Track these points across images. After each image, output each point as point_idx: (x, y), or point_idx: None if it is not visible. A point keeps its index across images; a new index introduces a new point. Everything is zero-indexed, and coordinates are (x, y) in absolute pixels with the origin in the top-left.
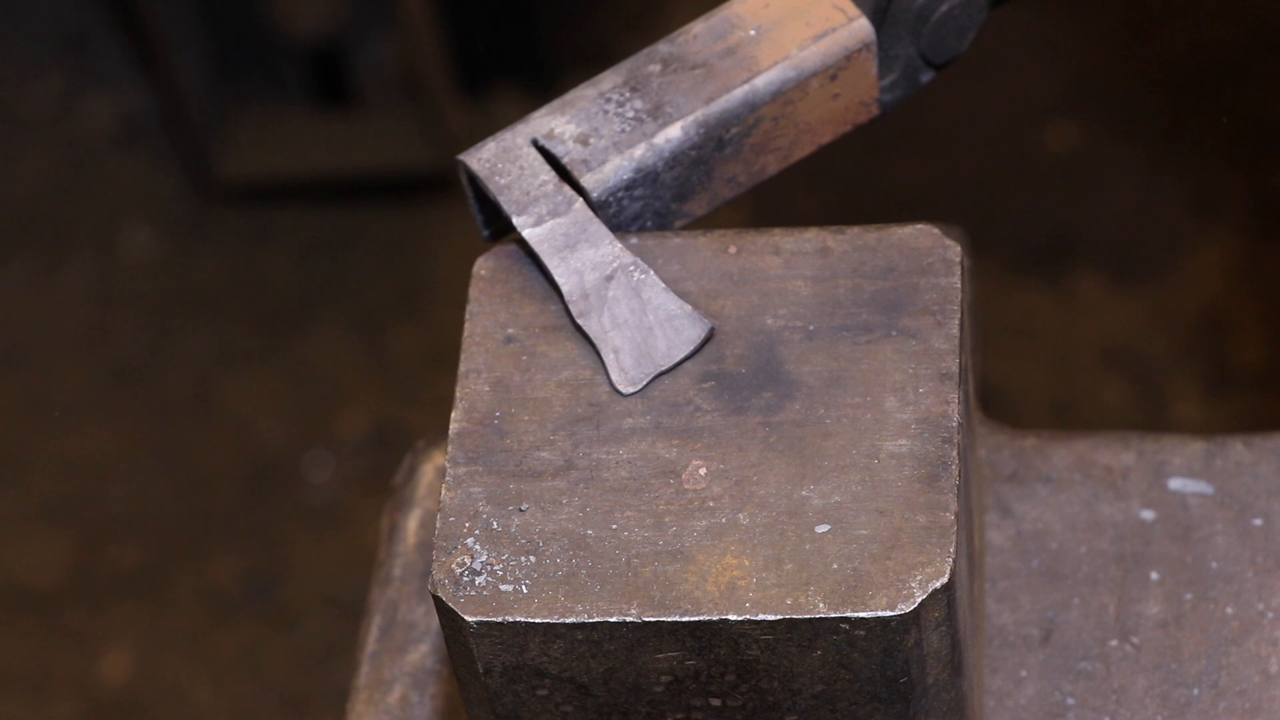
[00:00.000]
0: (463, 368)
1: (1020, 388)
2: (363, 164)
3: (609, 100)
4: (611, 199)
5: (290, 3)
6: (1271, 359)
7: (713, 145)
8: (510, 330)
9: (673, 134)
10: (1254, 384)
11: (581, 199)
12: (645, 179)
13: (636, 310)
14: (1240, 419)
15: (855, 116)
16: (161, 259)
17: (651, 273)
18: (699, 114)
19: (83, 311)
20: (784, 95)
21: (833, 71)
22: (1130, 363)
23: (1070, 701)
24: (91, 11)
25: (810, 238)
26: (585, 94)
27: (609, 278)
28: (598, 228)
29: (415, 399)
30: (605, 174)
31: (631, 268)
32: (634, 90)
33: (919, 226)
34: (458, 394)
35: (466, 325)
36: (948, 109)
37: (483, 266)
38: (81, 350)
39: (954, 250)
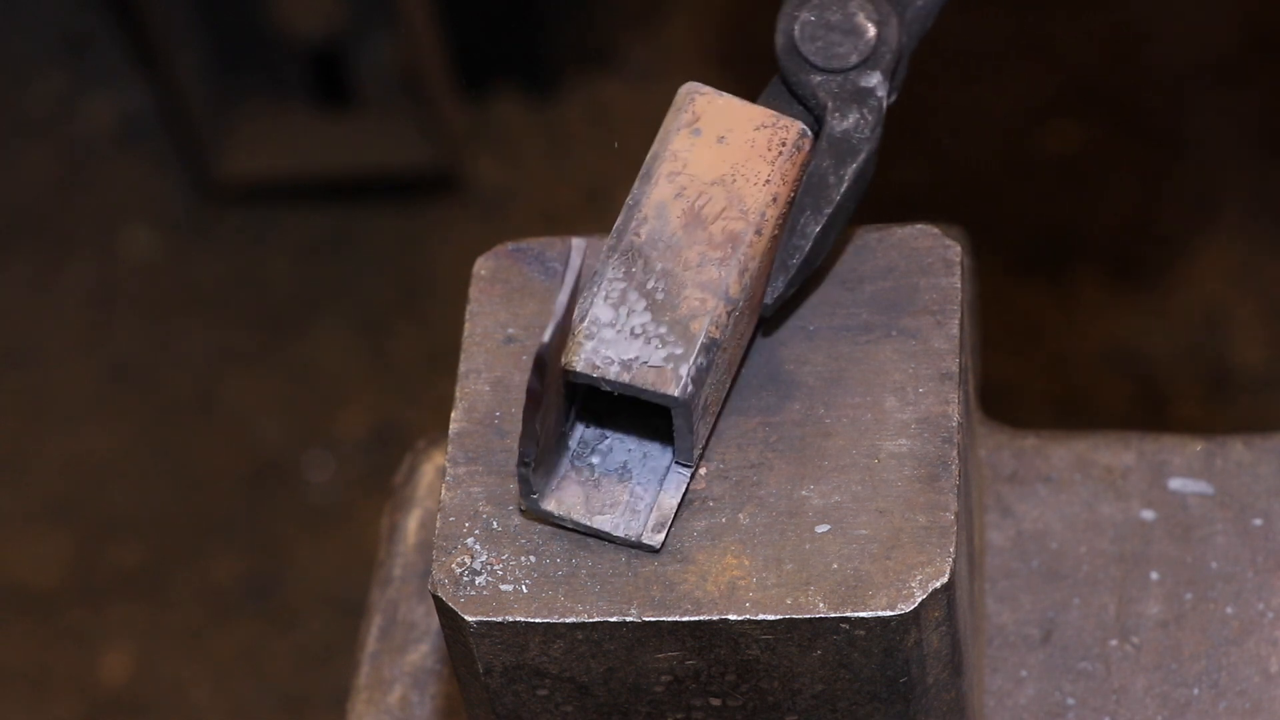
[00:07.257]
0: (463, 368)
1: (1020, 388)
2: (363, 164)
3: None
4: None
5: (290, 3)
6: (1271, 359)
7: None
8: (510, 330)
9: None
10: (1254, 384)
11: None
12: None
13: None
14: (1240, 419)
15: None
16: (161, 259)
17: None
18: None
19: (83, 311)
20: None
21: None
22: (1130, 363)
23: (1070, 701)
24: (91, 11)
25: None
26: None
27: None
28: None
29: (415, 399)
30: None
31: None
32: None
33: (919, 226)
34: (458, 394)
35: (466, 325)
36: (948, 109)
37: (483, 266)
38: (81, 350)
39: (954, 250)
